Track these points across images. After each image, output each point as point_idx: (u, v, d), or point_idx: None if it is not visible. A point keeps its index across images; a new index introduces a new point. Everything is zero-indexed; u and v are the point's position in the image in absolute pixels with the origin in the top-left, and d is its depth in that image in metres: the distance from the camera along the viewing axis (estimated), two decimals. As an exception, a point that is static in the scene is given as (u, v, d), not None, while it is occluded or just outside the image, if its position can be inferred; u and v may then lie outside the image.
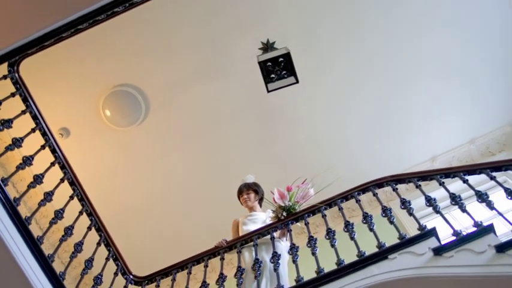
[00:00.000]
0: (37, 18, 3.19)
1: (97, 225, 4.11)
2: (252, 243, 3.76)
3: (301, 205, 4.01)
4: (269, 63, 4.74)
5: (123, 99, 5.32)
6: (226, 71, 5.26)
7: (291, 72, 4.76)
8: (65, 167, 3.99)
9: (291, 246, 3.35)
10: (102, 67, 5.16)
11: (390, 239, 2.99)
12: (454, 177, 3.47)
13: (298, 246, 3.33)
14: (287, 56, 4.72)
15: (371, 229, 3.20)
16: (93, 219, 4.08)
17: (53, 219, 3.64)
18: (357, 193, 3.76)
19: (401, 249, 2.84)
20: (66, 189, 3.96)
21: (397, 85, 5.44)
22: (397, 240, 2.94)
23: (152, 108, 5.44)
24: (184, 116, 5.51)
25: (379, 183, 3.77)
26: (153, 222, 6.03)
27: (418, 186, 3.50)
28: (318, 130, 5.68)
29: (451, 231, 2.88)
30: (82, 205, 4.04)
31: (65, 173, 3.98)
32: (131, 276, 4.14)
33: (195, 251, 4.07)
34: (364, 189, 3.79)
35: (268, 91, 4.94)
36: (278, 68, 4.76)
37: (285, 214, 3.97)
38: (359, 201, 3.67)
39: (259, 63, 4.76)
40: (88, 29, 3.49)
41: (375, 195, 3.67)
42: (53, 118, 4.63)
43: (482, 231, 2.71)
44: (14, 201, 3.21)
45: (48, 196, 3.64)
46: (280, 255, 3.36)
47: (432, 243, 2.81)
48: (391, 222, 3.21)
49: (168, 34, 5.03)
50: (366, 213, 3.34)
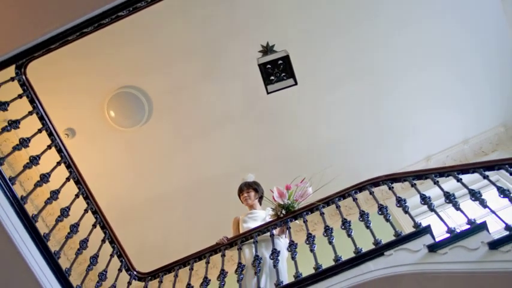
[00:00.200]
0: (43, 22, 3.18)
1: (102, 222, 4.11)
2: (252, 240, 3.76)
3: (300, 203, 4.01)
4: (269, 66, 4.73)
5: (127, 101, 5.32)
6: (227, 74, 5.26)
7: (290, 74, 4.76)
8: (70, 166, 3.99)
9: (290, 243, 3.35)
10: (107, 70, 5.16)
11: (386, 236, 2.99)
12: (448, 176, 3.47)
13: (297, 243, 3.34)
14: (286, 58, 4.72)
15: (367, 226, 3.20)
16: (98, 216, 4.09)
17: (59, 217, 3.64)
18: (353, 191, 3.76)
19: (397, 246, 2.84)
20: (71, 187, 3.96)
21: (394, 87, 5.44)
22: (393, 237, 2.94)
23: (155, 109, 5.44)
24: (186, 116, 5.50)
25: (376, 182, 3.78)
26: (156, 220, 6.02)
27: (413, 185, 3.50)
28: (316, 130, 5.67)
29: (445, 229, 2.89)
30: (87, 203, 4.05)
31: (70, 172, 3.98)
32: (135, 272, 4.14)
33: (197, 247, 4.07)
34: (360, 187, 3.80)
35: (268, 93, 4.94)
36: (277, 70, 4.75)
37: (284, 212, 3.97)
38: (356, 199, 3.67)
39: (259, 65, 4.76)
40: (93, 32, 3.49)
41: (371, 193, 3.68)
42: (59, 119, 4.62)
43: (475, 228, 2.71)
44: (21, 200, 3.22)
45: (54, 194, 3.64)
46: (279, 251, 3.36)
47: (427, 240, 2.81)
48: (387, 220, 3.21)
49: (171, 37, 5.03)
50: (363, 211, 3.34)
